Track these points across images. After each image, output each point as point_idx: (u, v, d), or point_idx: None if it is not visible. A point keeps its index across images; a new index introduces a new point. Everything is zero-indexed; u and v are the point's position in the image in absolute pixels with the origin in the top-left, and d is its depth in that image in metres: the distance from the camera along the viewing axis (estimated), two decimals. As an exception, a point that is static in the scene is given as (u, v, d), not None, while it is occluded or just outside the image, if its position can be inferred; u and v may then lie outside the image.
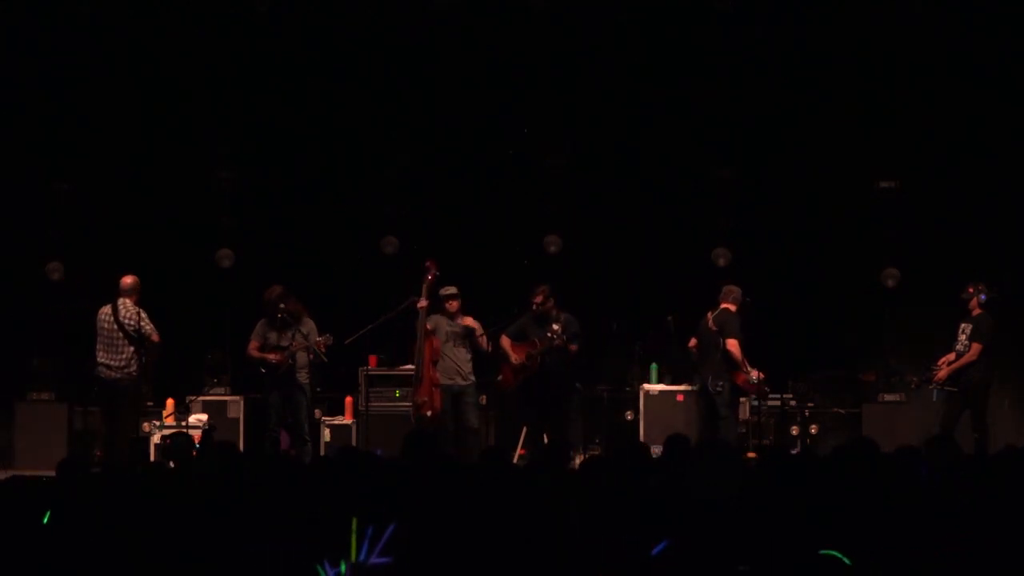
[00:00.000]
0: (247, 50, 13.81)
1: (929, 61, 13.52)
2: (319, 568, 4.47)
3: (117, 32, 13.78)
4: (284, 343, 11.88)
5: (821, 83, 13.85)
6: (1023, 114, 13.61)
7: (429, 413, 11.97)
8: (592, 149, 14.15)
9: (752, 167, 13.97)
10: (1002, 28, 13.44)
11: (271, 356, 11.85)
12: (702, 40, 13.73)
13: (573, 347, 12.05)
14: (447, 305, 12.21)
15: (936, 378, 12.03)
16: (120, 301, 11.88)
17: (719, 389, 12.00)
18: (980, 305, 12.10)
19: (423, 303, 12.03)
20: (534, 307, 12.12)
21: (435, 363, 12.10)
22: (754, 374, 11.89)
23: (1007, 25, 13.42)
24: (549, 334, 11.88)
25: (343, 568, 4.48)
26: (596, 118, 14.12)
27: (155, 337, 11.76)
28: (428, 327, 12.07)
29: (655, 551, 4.67)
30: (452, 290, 12.22)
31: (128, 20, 13.80)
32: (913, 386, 12.34)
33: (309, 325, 12.00)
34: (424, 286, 12.09)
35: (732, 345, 11.95)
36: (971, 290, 12.11)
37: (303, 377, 12.01)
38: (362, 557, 4.48)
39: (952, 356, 12.05)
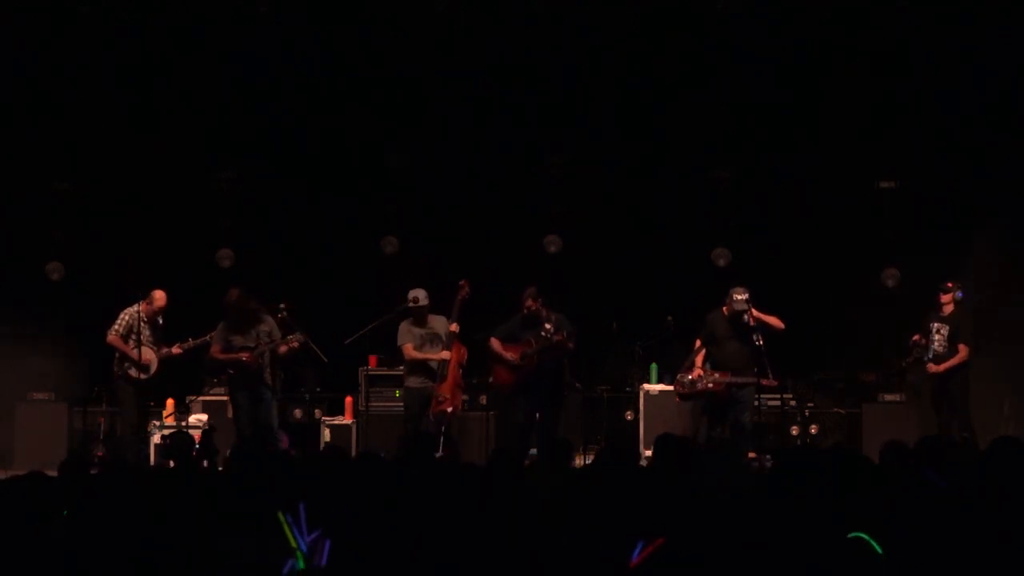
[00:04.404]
0: (247, 50, 13.80)
1: (929, 61, 13.52)
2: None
3: (117, 32, 13.77)
4: (250, 343, 11.88)
5: (821, 83, 13.86)
6: (1023, 113, 13.62)
7: (450, 409, 11.94)
8: (592, 149, 14.15)
9: (752, 167, 13.98)
10: (1002, 28, 13.43)
11: (243, 355, 11.85)
12: (702, 40, 13.73)
13: (571, 344, 12.01)
14: (419, 311, 12.16)
15: (929, 370, 12.14)
16: (132, 305, 12.05)
17: None
18: (955, 302, 12.19)
19: (454, 327, 12.03)
20: (525, 310, 12.05)
21: (461, 366, 12.09)
22: (692, 374, 11.85)
23: (1007, 25, 13.41)
24: (543, 333, 11.85)
25: (300, 562, 4.47)
26: (596, 118, 14.12)
27: (108, 337, 12.04)
28: (454, 329, 12.04)
29: (634, 555, 4.66)
30: (425, 298, 12.17)
31: (128, 20, 13.79)
32: (902, 366, 12.53)
33: (270, 323, 12.01)
34: (457, 305, 12.07)
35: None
36: (950, 285, 12.19)
37: (268, 376, 12.01)
38: (303, 547, 4.47)
39: (918, 336, 12.27)
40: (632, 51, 13.92)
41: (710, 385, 11.78)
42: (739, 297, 11.73)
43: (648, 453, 11.64)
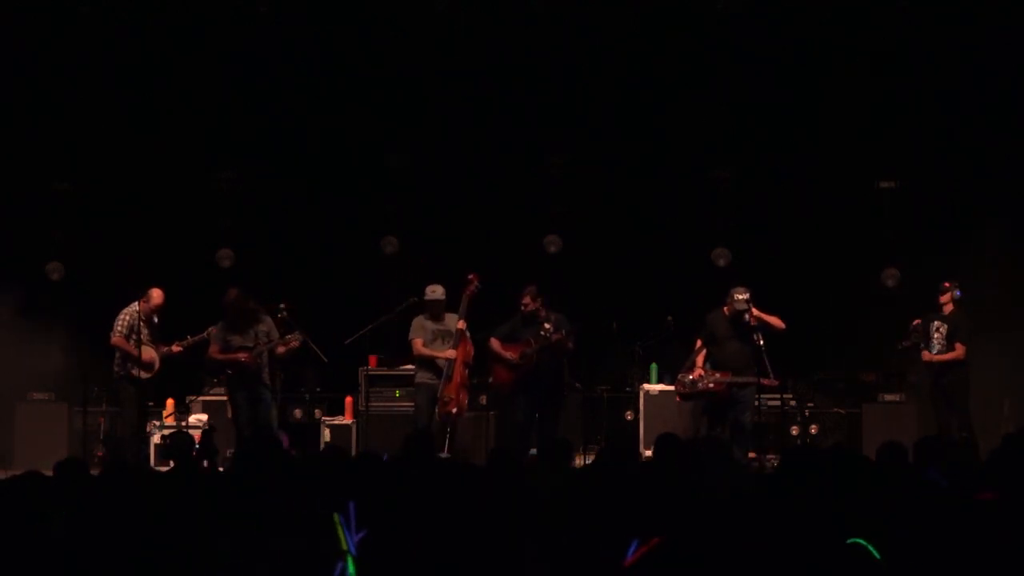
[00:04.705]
0: (247, 50, 13.80)
1: (929, 61, 13.53)
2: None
3: (117, 32, 13.78)
4: (248, 343, 11.88)
5: (821, 83, 13.86)
6: (1023, 113, 13.63)
7: (455, 410, 11.96)
8: (592, 149, 14.15)
9: (752, 167, 13.98)
10: (1002, 28, 13.43)
11: (241, 356, 11.86)
12: (702, 40, 13.73)
13: (570, 344, 12.00)
14: (435, 306, 12.15)
15: (923, 357, 12.20)
16: (130, 304, 12.08)
17: None
18: (954, 302, 12.23)
19: (461, 325, 12.00)
20: (523, 309, 12.05)
21: (467, 365, 12.08)
22: (693, 374, 11.85)
23: (1007, 25, 13.42)
24: (542, 332, 11.84)
25: (351, 569, 4.47)
26: (596, 118, 14.12)
27: (112, 338, 12.04)
28: (461, 327, 12.02)
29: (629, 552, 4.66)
30: (441, 293, 12.14)
31: (128, 20, 13.79)
32: (898, 347, 12.54)
33: (268, 323, 12.01)
34: (466, 297, 12.05)
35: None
36: (947, 285, 12.23)
37: (266, 376, 12.02)
38: (352, 548, 4.47)
39: (918, 321, 12.35)
40: (632, 51, 13.93)
41: (711, 385, 11.78)
42: (740, 297, 11.71)
43: (648, 453, 11.64)
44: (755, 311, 11.66)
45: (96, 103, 13.79)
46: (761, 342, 11.47)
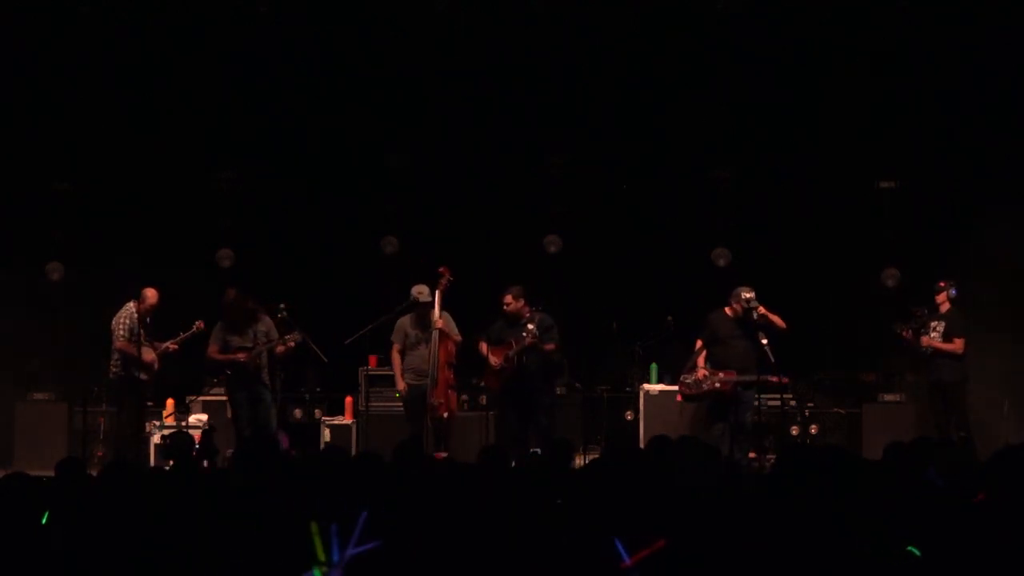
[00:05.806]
0: (247, 50, 13.80)
1: (929, 61, 13.53)
2: None
3: (117, 32, 13.78)
4: (247, 343, 11.89)
5: (821, 83, 13.86)
6: (1023, 113, 13.63)
7: (446, 415, 12.00)
8: (592, 149, 14.15)
9: (752, 167, 13.98)
10: (1002, 28, 13.43)
11: (240, 356, 11.87)
12: (702, 40, 13.73)
13: (549, 346, 11.99)
14: (419, 307, 12.16)
15: (922, 342, 12.20)
16: (125, 305, 12.06)
17: None
18: (950, 300, 12.26)
19: (439, 324, 12.00)
20: (504, 308, 12.07)
21: (451, 365, 12.08)
22: (697, 374, 11.84)
23: (1007, 25, 13.42)
24: (524, 334, 11.85)
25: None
26: (596, 118, 14.12)
27: (117, 343, 12.04)
28: (439, 325, 12.02)
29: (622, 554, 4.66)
30: (427, 294, 12.14)
31: (128, 20, 13.79)
32: (900, 331, 12.50)
33: (267, 323, 12.02)
34: (438, 292, 12.05)
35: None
36: (942, 284, 12.26)
37: (266, 376, 12.03)
38: (336, 558, 4.40)
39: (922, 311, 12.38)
40: (632, 51, 13.93)
41: (717, 385, 11.78)
42: (747, 295, 11.73)
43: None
44: (761, 309, 11.69)
45: (96, 103, 13.79)
46: (765, 340, 11.48)
